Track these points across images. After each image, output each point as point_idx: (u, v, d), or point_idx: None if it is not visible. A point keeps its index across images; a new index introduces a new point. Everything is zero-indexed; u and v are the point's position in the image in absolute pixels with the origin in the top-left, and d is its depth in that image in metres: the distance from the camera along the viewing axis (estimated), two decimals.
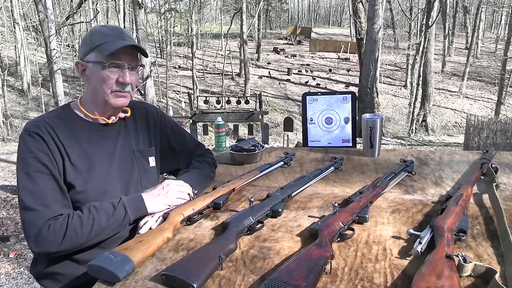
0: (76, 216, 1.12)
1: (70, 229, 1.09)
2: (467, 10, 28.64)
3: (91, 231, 1.11)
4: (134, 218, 1.16)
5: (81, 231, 1.10)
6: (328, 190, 1.41)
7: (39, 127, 1.17)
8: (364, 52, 12.70)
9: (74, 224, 1.10)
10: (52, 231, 1.08)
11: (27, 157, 1.14)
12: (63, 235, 1.08)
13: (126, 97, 1.26)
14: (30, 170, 1.13)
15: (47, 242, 1.09)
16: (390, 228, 1.10)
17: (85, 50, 1.23)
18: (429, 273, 0.82)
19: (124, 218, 1.15)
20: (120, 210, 1.15)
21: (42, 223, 1.09)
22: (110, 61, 1.19)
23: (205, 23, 30.73)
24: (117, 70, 1.21)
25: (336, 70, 24.87)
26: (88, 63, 1.22)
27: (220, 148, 1.96)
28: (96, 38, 1.22)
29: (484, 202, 1.26)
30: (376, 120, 1.77)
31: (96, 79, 1.22)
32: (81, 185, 1.19)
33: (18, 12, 17.18)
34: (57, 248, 1.10)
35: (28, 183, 1.13)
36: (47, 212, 1.10)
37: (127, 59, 1.22)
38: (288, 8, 47.78)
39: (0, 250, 4.30)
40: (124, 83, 1.23)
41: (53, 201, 1.13)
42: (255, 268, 0.92)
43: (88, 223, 1.11)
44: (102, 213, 1.13)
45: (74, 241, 1.10)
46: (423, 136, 15.22)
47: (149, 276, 0.90)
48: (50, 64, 11.10)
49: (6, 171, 8.16)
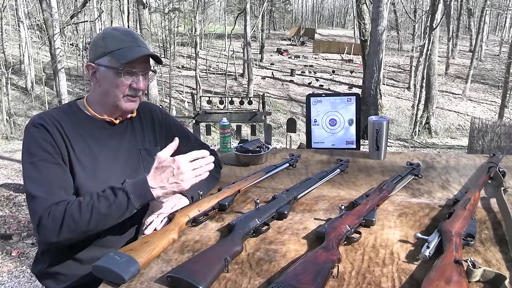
0: (76, 202, 1.08)
1: (68, 215, 1.05)
2: (471, 13, 28.55)
3: (90, 219, 1.06)
4: (140, 205, 1.09)
5: (79, 217, 1.06)
6: (334, 192, 1.40)
7: (45, 119, 1.17)
8: (368, 53, 12.68)
9: (72, 210, 1.06)
10: (51, 217, 1.06)
11: (32, 147, 1.14)
12: (61, 222, 1.05)
13: (136, 101, 1.27)
14: (35, 159, 1.12)
15: (47, 229, 1.06)
16: (397, 232, 1.09)
17: (97, 53, 1.22)
18: (438, 278, 0.81)
19: (127, 205, 1.07)
20: (122, 197, 1.07)
21: (43, 210, 1.07)
22: (126, 69, 1.19)
23: (208, 24, 30.76)
24: (131, 76, 1.22)
25: (339, 71, 24.81)
26: (99, 66, 1.21)
27: (225, 149, 1.95)
28: (110, 42, 1.20)
29: (492, 207, 1.25)
30: (383, 123, 1.76)
31: (108, 84, 1.21)
32: (84, 180, 1.18)
33: (23, 10, 17.25)
34: (58, 237, 1.06)
35: (33, 172, 1.12)
36: (48, 198, 1.08)
37: (141, 66, 1.23)
38: (292, 9, 47.78)
39: (3, 248, 4.30)
40: (138, 89, 1.24)
41: (57, 188, 1.11)
42: (261, 270, 0.91)
43: (87, 209, 1.06)
44: (103, 200, 1.07)
45: (73, 228, 1.06)
46: (426, 138, 15.17)
47: (155, 277, 0.90)
48: (54, 63, 11.12)
49: (9, 169, 8.18)
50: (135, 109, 1.30)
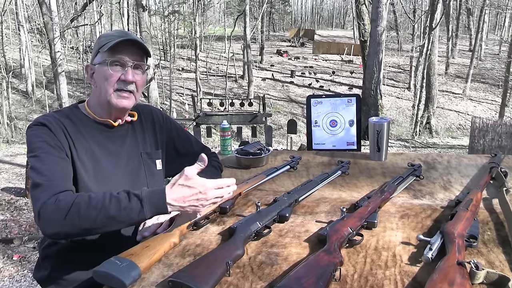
0: (86, 197, 1.02)
1: (74, 207, 0.99)
2: (470, 12, 28.54)
3: (96, 217, 0.99)
4: (151, 216, 1.04)
5: (86, 212, 0.99)
6: (335, 194, 1.40)
7: (48, 120, 1.17)
8: (367, 54, 12.68)
9: (80, 203, 1.00)
10: (56, 205, 1.00)
11: (35, 142, 1.13)
12: (66, 213, 0.99)
13: (129, 98, 1.23)
14: (38, 152, 1.11)
15: (50, 217, 1.00)
16: (399, 234, 1.08)
17: (93, 54, 1.25)
18: (441, 280, 0.80)
19: (138, 213, 1.01)
20: (135, 204, 1.01)
21: (47, 197, 1.02)
22: (112, 58, 1.19)
23: (208, 26, 30.80)
24: (121, 68, 1.21)
25: (339, 72, 24.83)
26: (95, 66, 1.23)
27: (225, 151, 1.94)
28: (102, 40, 1.23)
29: (494, 207, 1.25)
30: (384, 124, 1.75)
31: (100, 79, 1.22)
32: (86, 182, 1.17)
33: (23, 14, 17.29)
34: (60, 227, 1.00)
35: (36, 164, 1.10)
36: (54, 186, 1.05)
37: (130, 57, 1.21)
38: (291, 10, 47.82)
39: (4, 252, 4.30)
40: (126, 80, 1.20)
41: (61, 178, 1.09)
42: (263, 274, 0.91)
43: (96, 207, 1.00)
44: (115, 201, 1.01)
45: (77, 222, 0.99)
46: (427, 138, 15.16)
47: (156, 282, 0.89)
48: (55, 66, 11.13)
49: (10, 173, 8.18)
50: (129, 107, 1.26)
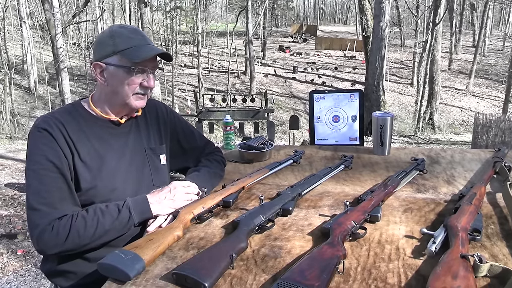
0: (81, 217, 1.10)
1: (73, 230, 1.08)
2: (474, 8, 28.38)
3: (94, 233, 1.10)
4: (138, 221, 1.16)
5: (84, 232, 1.09)
6: (338, 188, 1.40)
7: (49, 123, 1.17)
8: (370, 50, 12.65)
9: (78, 225, 1.09)
10: (55, 232, 1.08)
11: (35, 154, 1.14)
12: (66, 237, 1.08)
13: (145, 99, 1.28)
14: (37, 167, 1.12)
15: (49, 243, 1.08)
16: (402, 227, 1.08)
17: (106, 52, 1.20)
18: (444, 273, 0.80)
19: (128, 221, 1.14)
20: (125, 213, 1.14)
21: (45, 224, 1.08)
22: (138, 67, 1.20)
23: (210, 21, 30.75)
24: (142, 74, 1.22)
25: (342, 68, 24.75)
26: (108, 66, 1.20)
27: (228, 146, 1.95)
28: (119, 41, 1.19)
29: (498, 201, 1.25)
30: (387, 118, 1.75)
31: (118, 82, 1.21)
32: (90, 182, 1.18)
33: (25, 10, 17.26)
34: (59, 249, 1.09)
35: (34, 181, 1.12)
36: (51, 213, 1.10)
37: (152, 64, 1.23)
38: (293, 6, 47.64)
39: (8, 247, 4.32)
40: (149, 87, 1.24)
41: (59, 200, 1.12)
42: (267, 267, 0.91)
43: (92, 225, 1.10)
44: (107, 216, 1.12)
45: (77, 242, 1.09)
46: (430, 134, 15.11)
47: (160, 274, 0.89)
48: (57, 62, 11.14)
49: (13, 169, 8.21)
50: (143, 106, 1.29)
